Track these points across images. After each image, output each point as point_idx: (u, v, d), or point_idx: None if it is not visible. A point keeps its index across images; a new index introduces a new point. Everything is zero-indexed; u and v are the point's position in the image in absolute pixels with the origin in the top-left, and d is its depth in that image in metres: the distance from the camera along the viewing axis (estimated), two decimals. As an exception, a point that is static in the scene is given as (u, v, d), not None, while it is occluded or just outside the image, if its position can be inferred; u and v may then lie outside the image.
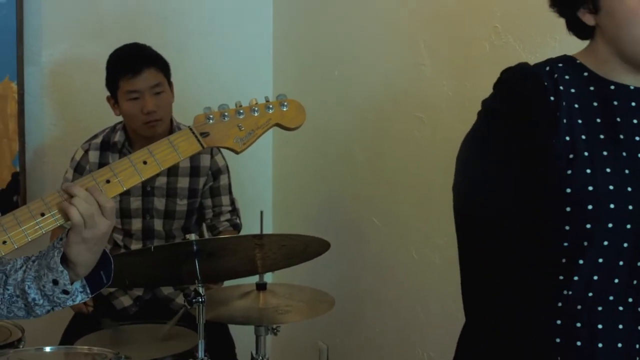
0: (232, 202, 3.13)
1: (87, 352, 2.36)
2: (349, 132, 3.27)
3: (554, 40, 2.27)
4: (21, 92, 3.25)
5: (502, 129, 1.57)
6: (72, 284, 1.61)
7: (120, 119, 2.99)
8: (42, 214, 1.57)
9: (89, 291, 1.64)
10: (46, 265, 1.60)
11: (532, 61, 1.64)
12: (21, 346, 2.50)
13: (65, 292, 1.60)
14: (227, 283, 2.93)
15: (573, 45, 1.64)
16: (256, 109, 1.76)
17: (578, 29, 1.61)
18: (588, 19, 1.56)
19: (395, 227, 3.05)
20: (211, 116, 1.74)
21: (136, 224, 2.99)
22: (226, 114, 1.74)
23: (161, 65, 2.90)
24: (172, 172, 2.98)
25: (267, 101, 1.78)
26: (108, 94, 2.93)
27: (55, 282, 1.59)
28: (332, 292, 2.71)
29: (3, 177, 3.24)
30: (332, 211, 3.40)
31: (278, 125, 1.78)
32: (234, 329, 3.02)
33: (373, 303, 3.18)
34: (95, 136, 3.02)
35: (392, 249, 3.06)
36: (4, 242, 1.56)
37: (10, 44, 3.20)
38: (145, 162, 1.66)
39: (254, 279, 2.62)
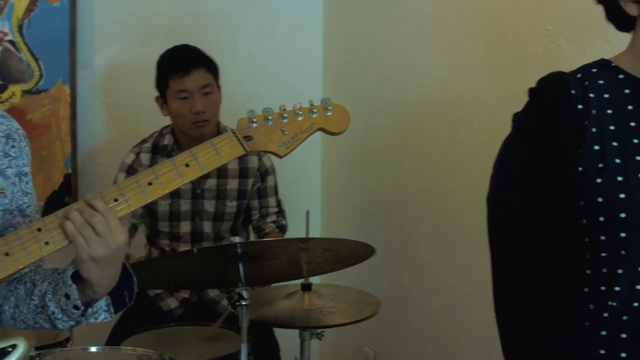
0: (279, 203, 3.13)
1: (132, 353, 2.36)
2: (398, 134, 3.25)
3: (607, 42, 2.20)
4: (74, 95, 3.29)
5: (530, 143, 1.53)
6: (91, 302, 1.58)
7: (166, 122, 3.01)
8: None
9: (112, 310, 1.62)
10: (62, 279, 1.59)
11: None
12: (69, 345, 2.51)
13: (76, 307, 1.57)
14: (271, 284, 2.92)
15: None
16: (300, 113, 1.73)
17: (619, 19, 1.53)
18: (631, 9, 1.48)
19: (444, 231, 3.02)
20: (255, 119, 1.71)
21: (185, 227, 3.00)
22: (270, 117, 1.72)
23: (211, 66, 2.92)
24: (222, 174, 2.99)
25: (312, 105, 1.75)
26: (156, 94, 2.95)
27: (67, 297, 1.57)
28: (377, 295, 2.69)
29: (56, 179, 3.27)
30: (380, 214, 3.38)
31: (322, 129, 1.75)
32: (278, 334, 3.00)
33: (420, 308, 3.14)
34: (144, 140, 3.04)
35: (440, 253, 3.02)
36: (46, 243, 1.55)
37: (63, 48, 3.24)
38: (187, 165, 1.64)
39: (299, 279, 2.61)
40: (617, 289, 1.47)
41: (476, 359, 2.86)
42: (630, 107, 1.49)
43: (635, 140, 1.47)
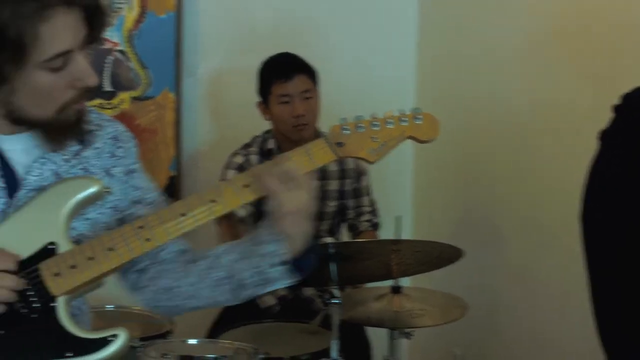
0: (372, 202, 3.24)
1: (229, 346, 2.44)
2: (491, 140, 3.26)
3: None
4: (178, 102, 3.44)
5: (619, 159, 1.54)
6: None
7: (266, 127, 3.12)
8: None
9: (296, 274, 1.69)
10: (260, 239, 1.68)
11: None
12: (169, 337, 2.63)
13: (282, 263, 1.66)
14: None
15: None
16: (391, 121, 1.79)
17: None
18: None
19: (536, 235, 3.03)
20: (346, 127, 1.78)
21: None
22: (361, 125, 1.79)
23: (311, 73, 3.06)
24: (323, 175, 3.11)
25: (402, 114, 1.82)
26: (258, 99, 3.08)
27: (271, 255, 1.66)
28: (466, 298, 2.72)
29: (160, 181, 3.43)
30: (471, 217, 3.40)
31: (411, 137, 1.81)
32: (368, 332, 3.07)
33: (510, 311, 3.15)
34: (248, 145, 3.16)
35: (530, 259, 3.03)
36: (147, 240, 1.67)
37: (169, 58, 3.41)
38: None
39: (389, 281, 2.67)
40: None
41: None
42: None
43: None
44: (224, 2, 3.50)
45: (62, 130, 1.64)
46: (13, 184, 1.67)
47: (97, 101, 3.35)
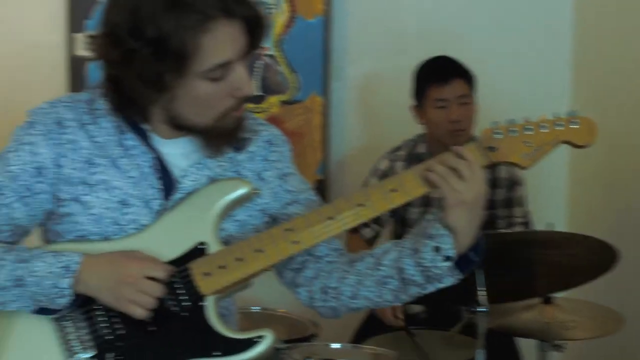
0: (525, 214, 3.12)
1: (371, 352, 2.44)
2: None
3: None
4: (326, 106, 3.46)
5: None
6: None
7: (419, 131, 3.10)
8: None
9: (458, 273, 1.68)
10: (425, 234, 1.67)
11: None
12: (314, 341, 2.66)
13: (448, 258, 1.65)
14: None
15: None
16: (545, 125, 1.75)
17: None
18: None
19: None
20: (498, 130, 1.75)
21: None
22: (514, 129, 1.75)
23: (469, 77, 3.00)
24: None
25: (556, 117, 1.76)
26: (413, 103, 3.05)
27: (437, 250, 1.65)
28: (621, 311, 2.60)
29: (307, 183, 3.45)
30: (629, 224, 3.25)
31: (567, 142, 1.75)
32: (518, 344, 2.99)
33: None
34: (398, 148, 3.14)
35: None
36: (294, 242, 1.68)
37: (317, 62, 3.44)
38: None
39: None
40: None
41: None
42: None
43: None
44: (373, 6, 3.50)
45: (221, 137, 1.69)
46: (169, 186, 1.73)
47: (247, 105, 3.40)
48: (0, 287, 1.65)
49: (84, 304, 1.68)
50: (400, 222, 3.10)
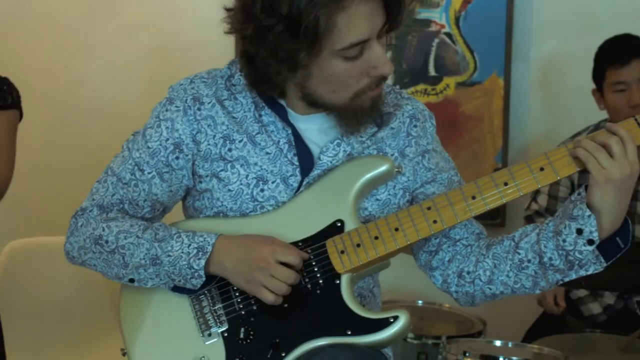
0: None
1: (537, 352, 2.36)
2: None
3: None
4: (507, 88, 3.31)
5: None
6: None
7: (604, 117, 2.94)
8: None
9: (602, 260, 1.60)
10: (568, 215, 1.59)
11: None
12: (481, 338, 2.59)
13: (591, 241, 1.56)
14: None
15: None
16: None
17: None
18: None
19: None
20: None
21: None
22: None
23: None
24: None
25: None
26: (594, 86, 2.91)
27: (579, 232, 1.57)
28: None
29: (485, 172, 3.26)
30: None
31: None
32: None
33: None
34: (578, 134, 2.99)
35: None
36: (434, 222, 1.63)
37: (499, 41, 3.27)
38: None
39: None
40: None
41: None
42: None
43: None
44: (561, -20, 3.33)
45: (357, 115, 1.67)
46: (308, 163, 1.72)
47: (421, 86, 3.34)
48: (138, 265, 1.69)
49: (220, 279, 1.69)
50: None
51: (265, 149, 1.71)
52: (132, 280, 1.71)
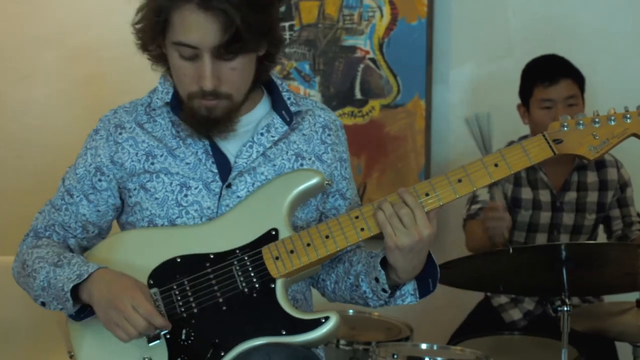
0: (638, 213, 3.17)
1: (459, 353, 2.58)
2: None
3: None
4: (429, 109, 3.60)
5: None
6: (398, 286, 1.89)
7: (523, 133, 3.18)
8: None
9: (418, 295, 1.91)
10: (373, 263, 1.91)
11: None
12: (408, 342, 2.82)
13: (384, 290, 1.88)
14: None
15: None
16: (613, 118, 1.87)
17: None
18: None
19: None
20: (566, 124, 1.89)
21: (541, 239, 3.14)
22: (581, 122, 1.89)
23: (578, 78, 3.05)
24: (582, 187, 3.13)
25: (626, 111, 1.88)
26: (519, 102, 3.13)
27: (377, 280, 1.89)
28: None
29: (409, 189, 3.58)
30: None
31: (635, 135, 1.87)
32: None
33: None
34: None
35: None
36: (362, 229, 1.89)
37: (420, 64, 3.57)
38: (496, 165, 1.87)
39: (634, 295, 2.65)
40: None
41: None
42: None
43: None
44: (477, 7, 3.58)
45: (200, 122, 1.92)
46: (226, 168, 1.97)
47: (349, 109, 3.61)
48: (41, 287, 1.94)
49: (162, 283, 1.91)
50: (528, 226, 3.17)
51: (185, 160, 1.98)
52: (43, 304, 1.96)
